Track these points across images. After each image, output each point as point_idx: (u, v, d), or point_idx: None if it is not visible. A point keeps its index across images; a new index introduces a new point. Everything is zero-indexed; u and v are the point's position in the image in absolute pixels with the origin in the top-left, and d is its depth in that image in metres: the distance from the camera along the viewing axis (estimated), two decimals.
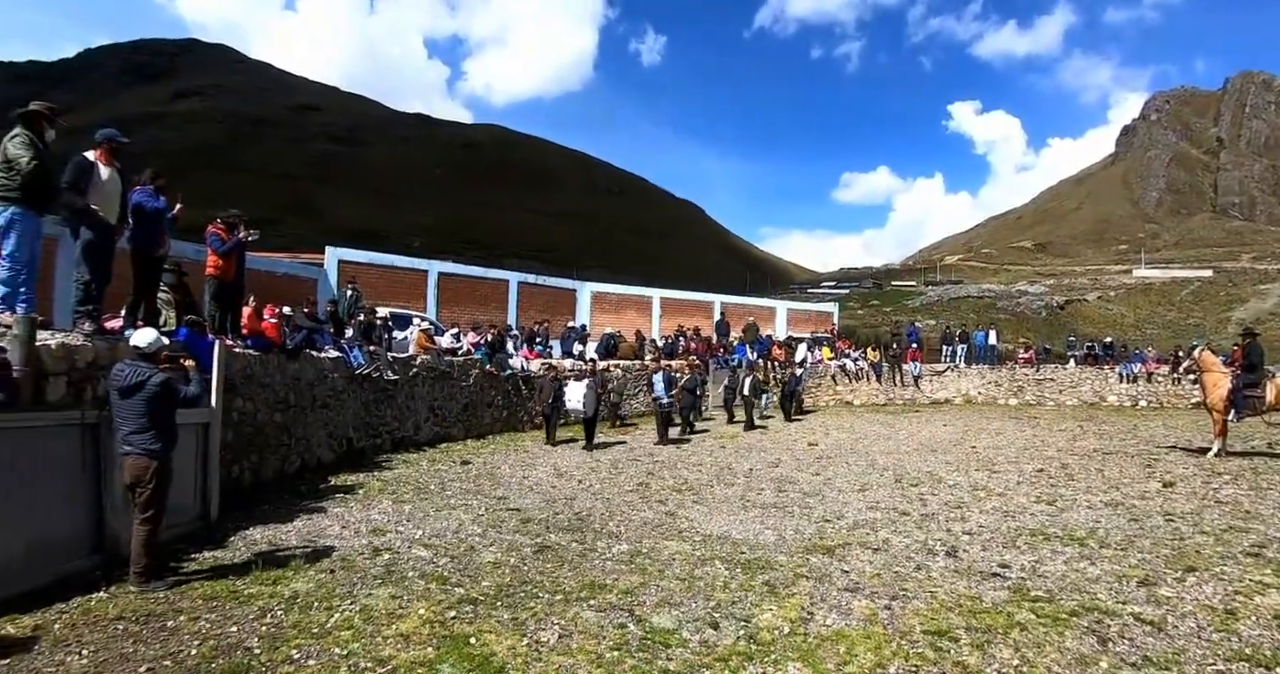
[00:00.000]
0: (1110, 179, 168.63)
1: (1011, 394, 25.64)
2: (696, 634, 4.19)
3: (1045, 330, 46.00)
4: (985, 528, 7.12)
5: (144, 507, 4.93)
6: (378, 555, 5.88)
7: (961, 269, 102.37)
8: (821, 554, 5.94)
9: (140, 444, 4.89)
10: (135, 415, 4.89)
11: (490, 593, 4.90)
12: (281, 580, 5.23)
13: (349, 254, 20.19)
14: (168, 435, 4.99)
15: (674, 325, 24.18)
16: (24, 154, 5.97)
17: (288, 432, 9.58)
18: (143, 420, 4.89)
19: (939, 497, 8.77)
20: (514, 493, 8.63)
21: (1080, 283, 78.55)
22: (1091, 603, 4.90)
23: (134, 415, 4.90)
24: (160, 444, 4.92)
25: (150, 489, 4.91)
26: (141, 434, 4.89)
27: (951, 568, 5.66)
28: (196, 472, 7.04)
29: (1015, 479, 10.17)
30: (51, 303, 9.70)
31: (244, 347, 9.04)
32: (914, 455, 12.54)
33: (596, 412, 13.43)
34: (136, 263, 7.32)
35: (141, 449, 4.89)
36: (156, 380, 4.91)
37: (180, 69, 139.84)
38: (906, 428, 17.20)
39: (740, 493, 8.84)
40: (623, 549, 6.06)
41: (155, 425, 4.91)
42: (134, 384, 4.90)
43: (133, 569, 4.97)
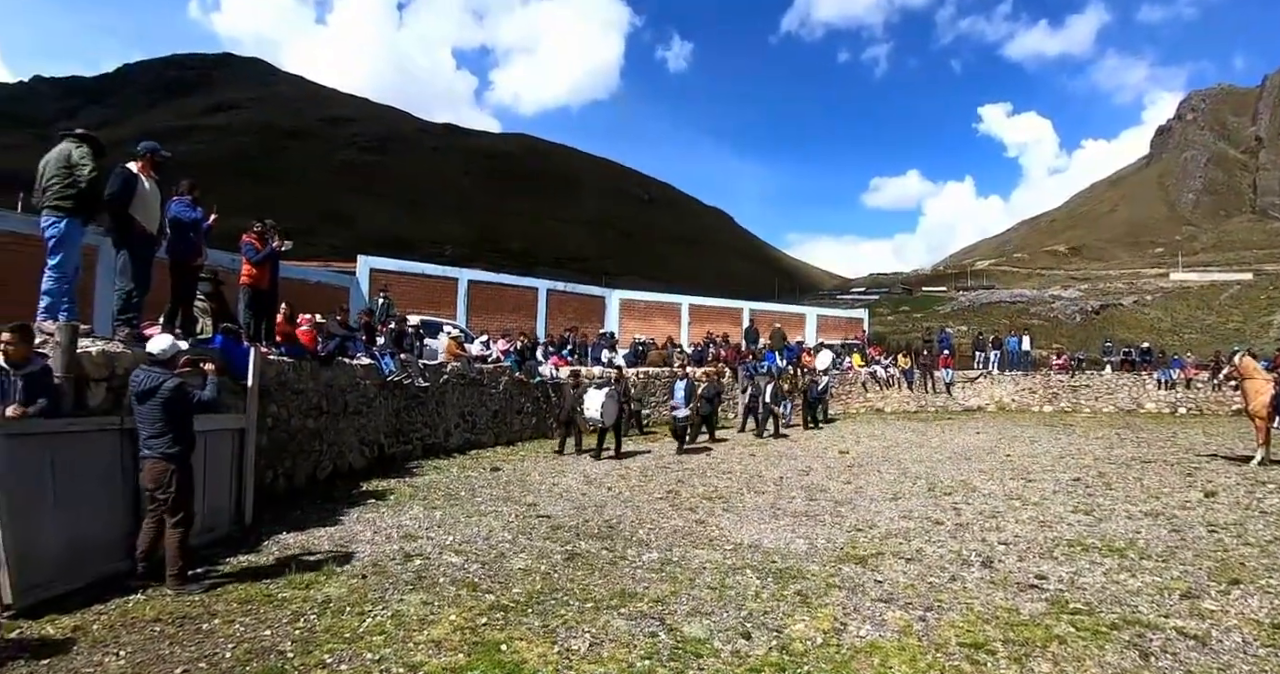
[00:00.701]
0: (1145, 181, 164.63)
1: (1046, 401, 25.11)
2: (728, 644, 4.13)
3: (1080, 336, 44.92)
4: (1021, 538, 6.94)
5: (173, 510, 5.02)
6: (409, 561, 5.91)
7: (993, 274, 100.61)
8: (854, 564, 5.84)
9: (158, 448, 4.99)
10: (152, 420, 5.00)
11: (521, 600, 4.89)
12: (314, 585, 5.29)
13: (380, 263, 20.50)
14: (184, 439, 5.06)
15: (702, 332, 24.11)
16: (89, 163, 6.19)
17: (320, 438, 9.71)
18: (159, 425, 4.99)
19: (973, 506, 8.58)
20: (544, 500, 8.63)
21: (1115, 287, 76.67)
22: (1133, 616, 4.74)
23: (151, 420, 5.00)
24: (177, 448, 5.00)
25: (173, 493, 4.99)
26: (159, 438, 4.99)
27: (987, 579, 5.52)
28: (232, 477, 7.16)
29: (1051, 488, 9.92)
30: (93, 310, 10.00)
31: (278, 354, 9.20)
32: (947, 463, 12.30)
33: (619, 421, 13.10)
34: (174, 272, 7.50)
35: (159, 453, 4.98)
36: (170, 385, 4.99)
37: (215, 83, 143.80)
38: (939, 435, 16.89)
39: (771, 501, 8.74)
40: (653, 557, 6.02)
41: (171, 429, 5.00)
42: (149, 389, 5.00)
43: (168, 572, 5.06)
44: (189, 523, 5.09)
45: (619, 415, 13.10)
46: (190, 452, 5.14)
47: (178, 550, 5.03)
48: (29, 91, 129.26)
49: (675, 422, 13.83)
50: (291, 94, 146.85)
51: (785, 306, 32.64)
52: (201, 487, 6.70)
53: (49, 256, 6.30)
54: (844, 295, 74.76)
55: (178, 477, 5.00)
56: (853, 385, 24.04)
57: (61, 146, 6.38)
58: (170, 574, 5.04)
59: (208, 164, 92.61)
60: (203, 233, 7.72)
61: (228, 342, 7.88)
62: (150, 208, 6.99)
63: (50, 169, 6.29)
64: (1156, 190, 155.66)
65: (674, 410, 13.96)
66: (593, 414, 12.40)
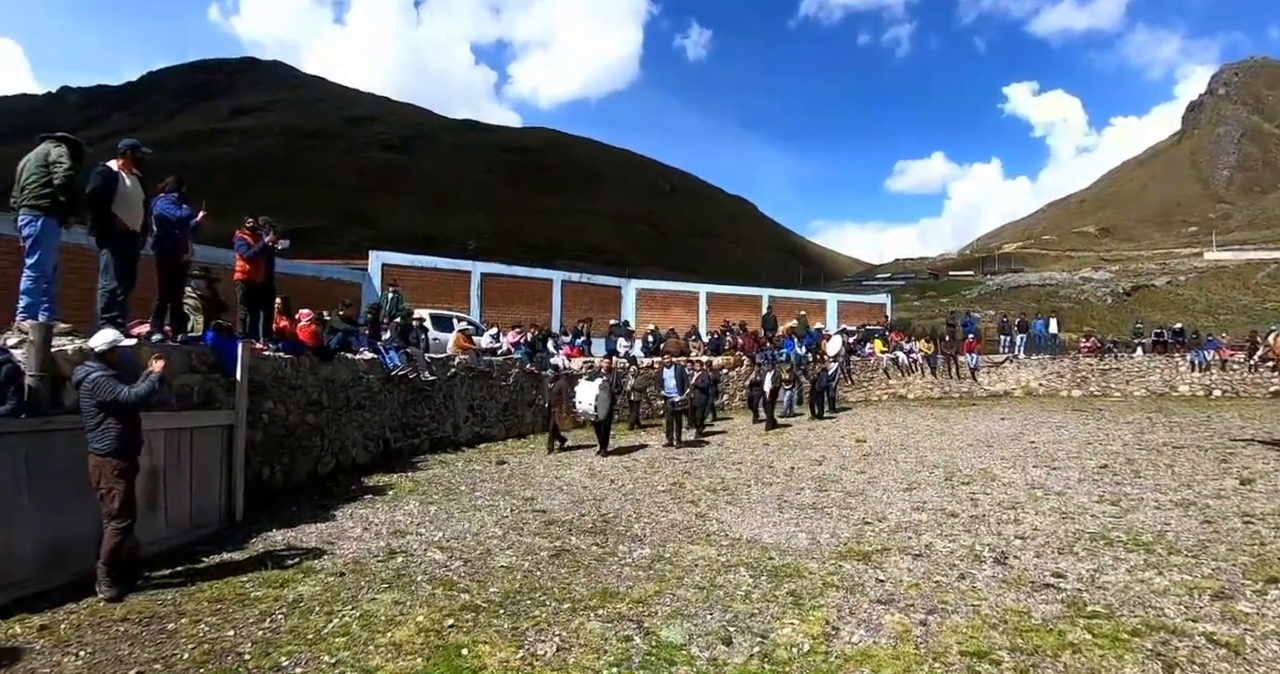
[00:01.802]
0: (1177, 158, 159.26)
1: (1074, 385, 24.31)
2: (706, 650, 3.84)
3: (1111, 318, 43.55)
4: (1040, 531, 6.53)
5: (109, 508, 4.83)
6: (391, 558, 5.72)
7: (1021, 257, 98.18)
8: (856, 560, 5.49)
9: (91, 444, 4.83)
10: (86, 415, 4.85)
11: (496, 599, 4.66)
12: (289, 583, 5.12)
13: (392, 257, 20.44)
14: (121, 437, 4.85)
15: (721, 321, 23.69)
16: (65, 163, 6.07)
17: (321, 433, 9.59)
18: (90, 420, 4.83)
19: (991, 496, 8.16)
20: (543, 494, 8.41)
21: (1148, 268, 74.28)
22: (1157, 620, 4.34)
23: (86, 415, 4.86)
24: (103, 443, 4.80)
25: (107, 490, 4.80)
26: (91, 433, 4.83)
27: (999, 577, 5.15)
28: (220, 474, 7.06)
29: (1076, 476, 9.44)
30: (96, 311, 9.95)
31: (275, 349, 9.08)
32: (967, 451, 11.83)
33: (610, 414, 12.44)
34: (161, 269, 7.38)
35: (91, 447, 4.82)
36: (92, 378, 4.81)
37: (238, 87, 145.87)
38: (961, 422, 16.35)
39: (778, 493, 8.41)
40: (644, 554, 5.75)
41: (100, 424, 4.81)
42: (77, 383, 4.89)
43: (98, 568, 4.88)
44: (125, 522, 4.85)
45: (611, 407, 12.53)
46: (130, 450, 4.90)
47: (109, 550, 4.84)
48: (57, 102, 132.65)
49: (671, 407, 12.81)
50: (313, 95, 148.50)
51: (806, 293, 32.06)
52: (189, 483, 6.62)
53: (26, 256, 6.20)
54: (868, 282, 73.55)
55: (112, 475, 4.79)
56: (874, 372, 23.47)
57: (41, 147, 6.28)
58: (99, 572, 4.86)
59: (233, 168, 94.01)
60: (190, 230, 7.58)
61: (219, 338, 7.74)
62: (132, 205, 6.87)
63: (29, 169, 6.19)
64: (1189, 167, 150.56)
65: (666, 398, 13.05)
66: (585, 407, 11.81)
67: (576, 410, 12.10)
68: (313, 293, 15.52)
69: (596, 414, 11.70)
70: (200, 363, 7.40)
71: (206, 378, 7.43)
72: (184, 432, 6.60)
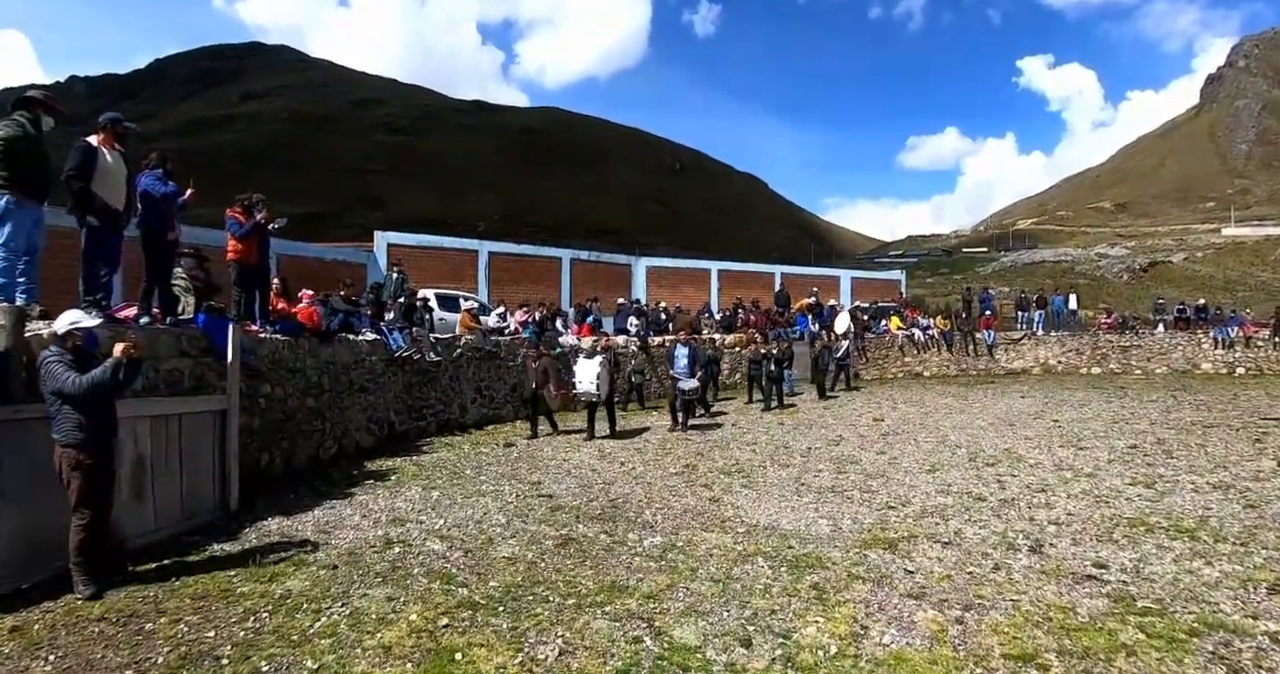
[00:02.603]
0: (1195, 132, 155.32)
1: (1094, 362, 23.76)
2: (724, 653, 3.50)
3: (1127, 295, 42.74)
4: (1075, 516, 6.13)
5: (73, 502, 4.51)
6: (388, 549, 5.42)
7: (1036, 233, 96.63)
8: (882, 549, 5.13)
9: (53, 433, 4.50)
10: (46, 402, 4.51)
11: (496, 595, 4.34)
12: (278, 577, 4.83)
13: (397, 238, 20.10)
14: (67, 424, 4.49)
15: (733, 299, 23.25)
16: (9, 128, 5.70)
17: (321, 417, 9.32)
18: (50, 407, 4.50)
19: (1019, 478, 7.76)
20: (550, 477, 8.10)
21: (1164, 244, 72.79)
22: (1214, 617, 3.95)
23: (48, 402, 4.52)
24: (61, 433, 4.48)
25: (67, 482, 4.49)
26: (51, 421, 4.51)
27: (1037, 567, 4.76)
28: (214, 461, 6.78)
29: (1105, 457, 9.02)
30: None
31: (272, 331, 8.78)
32: (990, 431, 11.42)
33: (613, 394, 11.71)
34: (147, 249, 7.05)
35: (54, 438, 4.49)
36: (44, 364, 4.48)
37: (246, 72, 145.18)
38: (981, 400, 15.92)
39: (795, 475, 8.05)
40: (655, 543, 5.41)
41: (57, 413, 4.48)
42: (37, 368, 4.56)
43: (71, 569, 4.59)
44: (86, 517, 4.53)
45: (612, 387, 11.80)
46: (91, 441, 4.55)
47: (76, 546, 4.54)
48: (65, 92, 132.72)
49: (680, 394, 11.85)
50: (320, 79, 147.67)
51: (819, 270, 31.45)
52: (179, 472, 6.35)
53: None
54: (881, 259, 72.59)
55: (69, 466, 4.47)
56: (890, 349, 23.02)
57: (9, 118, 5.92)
58: (73, 570, 4.57)
59: (242, 154, 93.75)
60: (176, 207, 7.24)
61: (211, 320, 7.43)
62: (113, 182, 6.53)
63: None
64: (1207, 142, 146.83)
65: (676, 381, 12.04)
66: (586, 387, 11.04)
67: (575, 391, 11.29)
68: (317, 275, 15.22)
69: (598, 394, 11.06)
70: (191, 346, 7.10)
71: (198, 362, 7.13)
72: (172, 418, 6.30)
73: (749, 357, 16.61)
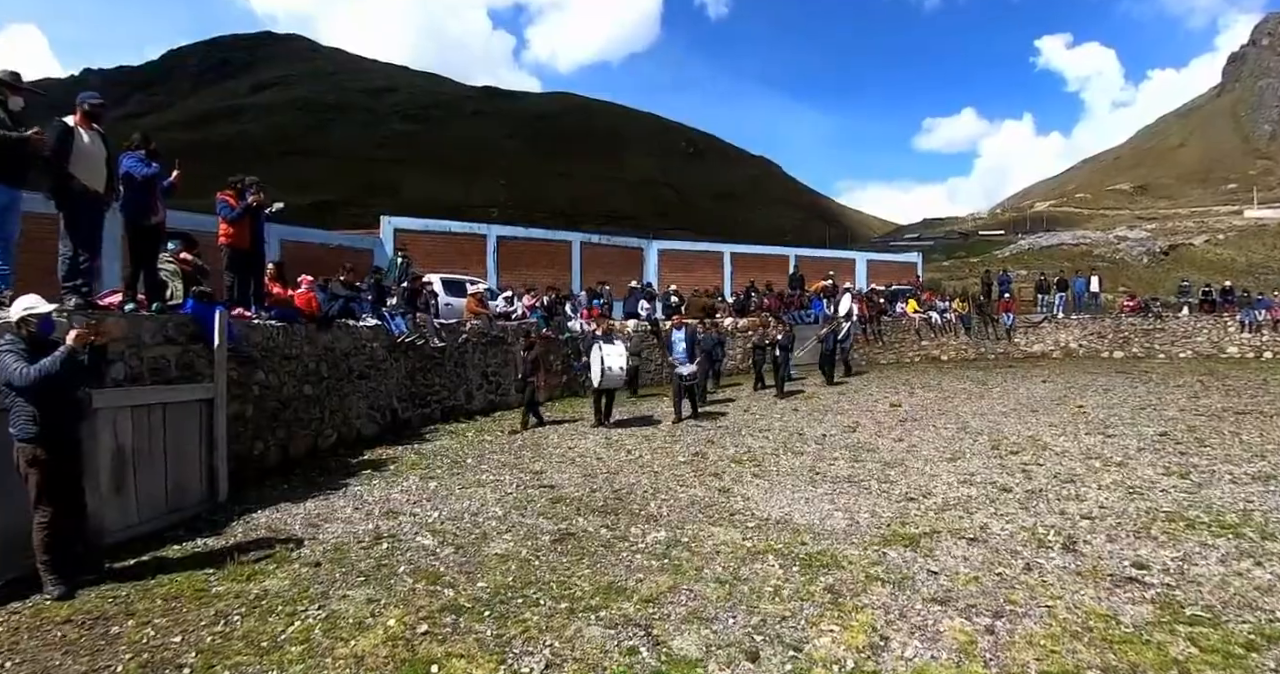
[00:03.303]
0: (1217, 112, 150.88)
1: (1116, 346, 23.16)
2: (727, 668, 3.15)
3: (1148, 278, 41.78)
4: (1108, 510, 5.72)
5: (32, 501, 4.23)
6: (376, 544, 5.13)
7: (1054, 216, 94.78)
8: (902, 546, 4.75)
9: (8, 427, 4.19)
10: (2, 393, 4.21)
11: (484, 597, 4.02)
12: (257, 576, 4.56)
13: (404, 222, 19.78)
14: (21, 418, 4.16)
15: (747, 282, 22.78)
16: None
17: (320, 405, 9.06)
18: (3, 399, 4.20)
19: (1045, 468, 7.34)
20: (553, 466, 7.78)
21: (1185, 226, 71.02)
22: (1272, 627, 3.55)
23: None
24: (15, 427, 4.17)
25: (24, 479, 4.21)
26: (5, 414, 4.20)
27: (1071, 568, 4.37)
28: (201, 451, 6.53)
29: (1135, 445, 8.57)
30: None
31: (267, 317, 8.51)
32: (1012, 417, 10.97)
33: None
34: (130, 233, 6.77)
35: (9, 430, 4.20)
36: None
37: (257, 62, 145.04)
38: (1001, 385, 15.43)
39: (809, 463, 7.67)
40: (659, 538, 5.07)
41: (10, 405, 4.17)
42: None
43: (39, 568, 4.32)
44: (49, 515, 4.24)
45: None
46: (46, 435, 4.21)
47: (39, 544, 4.27)
48: (79, 85, 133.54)
49: (679, 380, 11.15)
50: (331, 68, 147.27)
51: (834, 252, 30.84)
52: (163, 464, 6.10)
53: None
54: (896, 242, 71.52)
55: (24, 462, 4.17)
56: (906, 332, 22.50)
57: None
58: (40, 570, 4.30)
59: (256, 143, 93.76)
60: (160, 190, 6.94)
61: (200, 306, 7.14)
62: (91, 163, 6.23)
63: None
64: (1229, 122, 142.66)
65: (675, 367, 11.31)
66: (617, 371, 10.54)
67: (608, 377, 10.43)
68: (322, 260, 14.95)
69: (624, 379, 10.75)
70: (178, 333, 6.82)
71: (185, 349, 6.85)
72: (155, 408, 6.04)
73: (754, 342, 16.12)
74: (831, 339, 16.66)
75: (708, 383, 13.93)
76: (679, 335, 11.58)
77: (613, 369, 10.45)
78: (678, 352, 11.42)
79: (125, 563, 4.98)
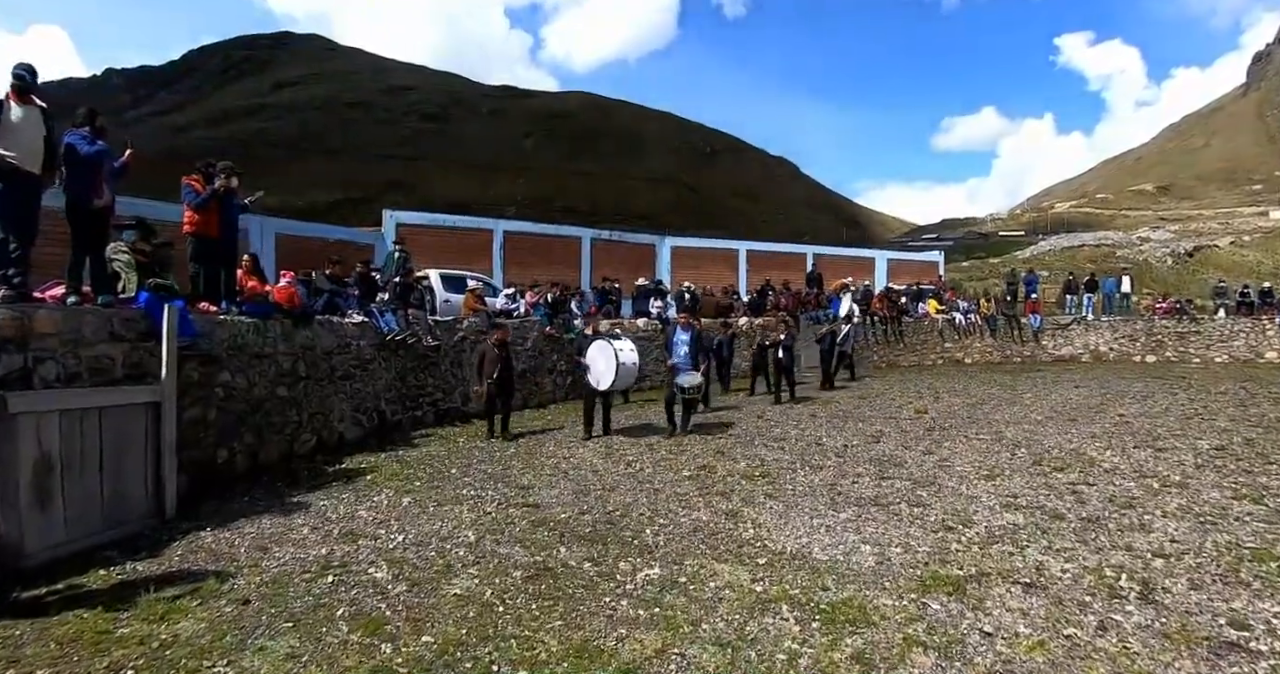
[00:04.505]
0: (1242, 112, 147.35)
1: (1149, 350, 22.13)
2: None
3: (1172, 280, 40.52)
4: (1182, 545, 4.84)
5: None
6: (322, 576, 4.40)
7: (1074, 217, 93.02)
8: (945, 593, 3.91)
9: None
10: None
11: (426, 656, 3.26)
12: (173, 616, 3.85)
13: (407, 217, 19.14)
14: None
15: (763, 280, 21.93)
16: None
17: (297, 407, 8.38)
18: None
19: (1098, 489, 6.46)
20: (542, 480, 7.02)
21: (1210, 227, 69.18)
22: None
23: None
24: None
25: None
26: None
27: (1156, 627, 3.52)
28: (146, 461, 5.84)
29: (1192, 461, 7.64)
30: None
31: (237, 312, 7.83)
32: (1049, 426, 10.07)
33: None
34: (71, 217, 6.10)
35: None
36: None
37: (276, 61, 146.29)
38: (1031, 390, 14.49)
39: (830, 480, 6.85)
40: (651, 576, 4.28)
41: None
42: None
43: None
44: None
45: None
46: None
47: None
48: (102, 84, 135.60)
49: (680, 392, 9.60)
50: (350, 67, 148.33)
51: (853, 250, 29.86)
52: (97, 475, 5.41)
53: None
54: (915, 243, 70.29)
55: None
56: (929, 334, 21.55)
57: None
58: None
59: (276, 142, 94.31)
60: (106, 170, 6.28)
61: (154, 299, 6.46)
62: (23, 139, 5.61)
63: None
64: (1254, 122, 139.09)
65: (676, 374, 9.71)
66: (630, 366, 9.30)
67: (621, 375, 9.24)
68: (320, 255, 14.33)
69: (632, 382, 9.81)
70: (126, 329, 6.15)
71: (135, 347, 6.19)
72: (89, 412, 5.36)
73: (758, 343, 15.18)
74: (830, 340, 15.65)
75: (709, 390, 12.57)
76: (682, 336, 9.93)
77: (626, 364, 9.18)
78: (680, 356, 9.86)
79: (34, 592, 4.30)
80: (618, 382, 9.36)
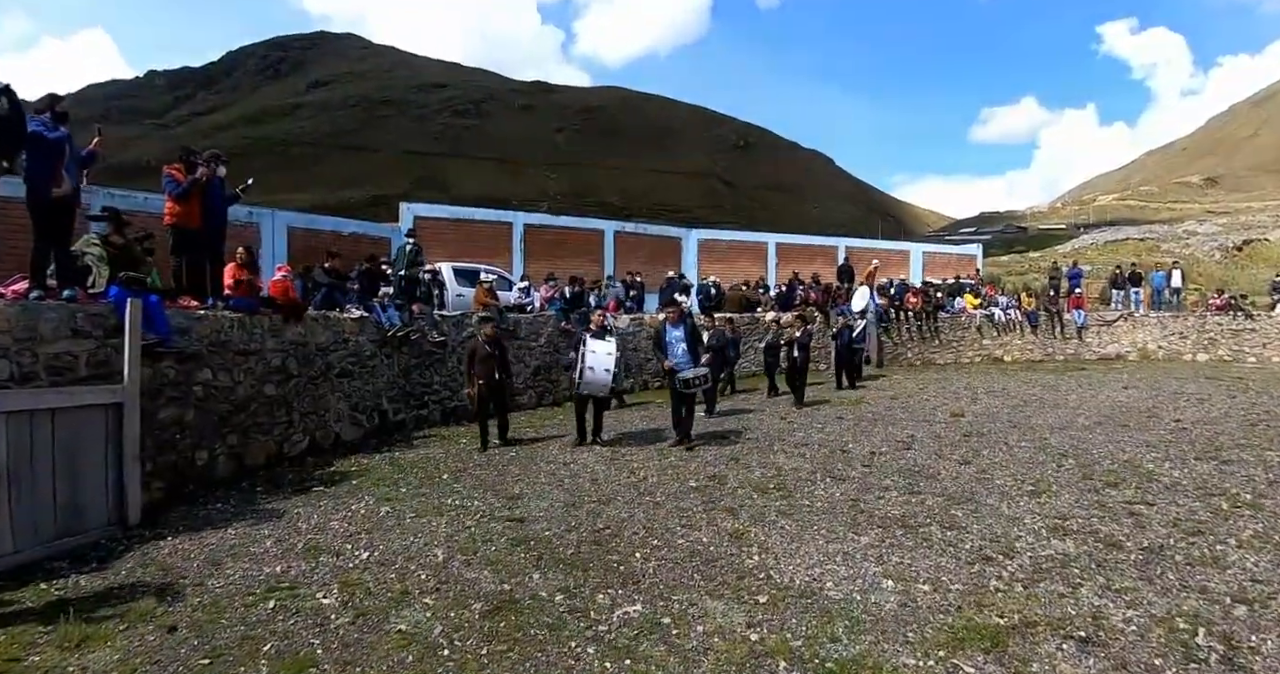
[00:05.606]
0: None
1: (1200, 348, 20.80)
2: None
3: (1220, 274, 38.54)
4: (1266, 586, 4.07)
5: None
6: (264, 600, 3.92)
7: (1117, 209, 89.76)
8: (981, 651, 3.23)
9: None
10: None
11: None
12: (89, 643, 3.41)
13: (424, 209, 18.78)
14: None
15: (793, 274, 21.11)
16: None
17: (287, 406, 7.98)
18: None
19: (1158, 509, 5.67)
20: (535, 489, 6.48)
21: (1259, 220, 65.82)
22: None
23: None
24: None
25: None
26: None
27: None
28: (107, 466, 5.44)
29: (1262, 476, 6.75)
30: None
31: (223, 307, 7.43)
32: (1098, 432, 9.18)
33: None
34: (31, 207, 5.72)
35: None
36: None
37: (312, 61, 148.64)
38: (1076, 391, 13.50)
39: (852, 495, 6.17)
40: (631, 615, 3.69)
41: None
42: None
43: None
44: None
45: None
46: None
47: None
48: (144, 85, 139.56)
49: (682, 387, 8.58)
50: (384, 65, 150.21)
51: (887, 243, 28.76)
52: (50, 480, 5.01)
53: None
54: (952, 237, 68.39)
55: None
56: (966, 330, 20.54)
57: None
58: None
59: (312, 139, 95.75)
60: (69, 159, 5.89)
61: (125, 294, 6.05)
62: None
63: None
64: None
65: (675, 371, 8.64)
66: (602, 377, 8.37)
67: (587, 379, 8.36)
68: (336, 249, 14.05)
69: (616, 385, 9.13)
70: (92, 325, 5.76)
71: (102, 344, 5.80)
72: (41, 414, 4.97)
73: (767, 341, 14.36)
74: (846, 335, 14.68)
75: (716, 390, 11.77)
76: (675, 333, 8.82)
77: (594, 369, 8.32)
78: (677, 354, 8.77)
79: None
80: (583, 385, 8.48)
